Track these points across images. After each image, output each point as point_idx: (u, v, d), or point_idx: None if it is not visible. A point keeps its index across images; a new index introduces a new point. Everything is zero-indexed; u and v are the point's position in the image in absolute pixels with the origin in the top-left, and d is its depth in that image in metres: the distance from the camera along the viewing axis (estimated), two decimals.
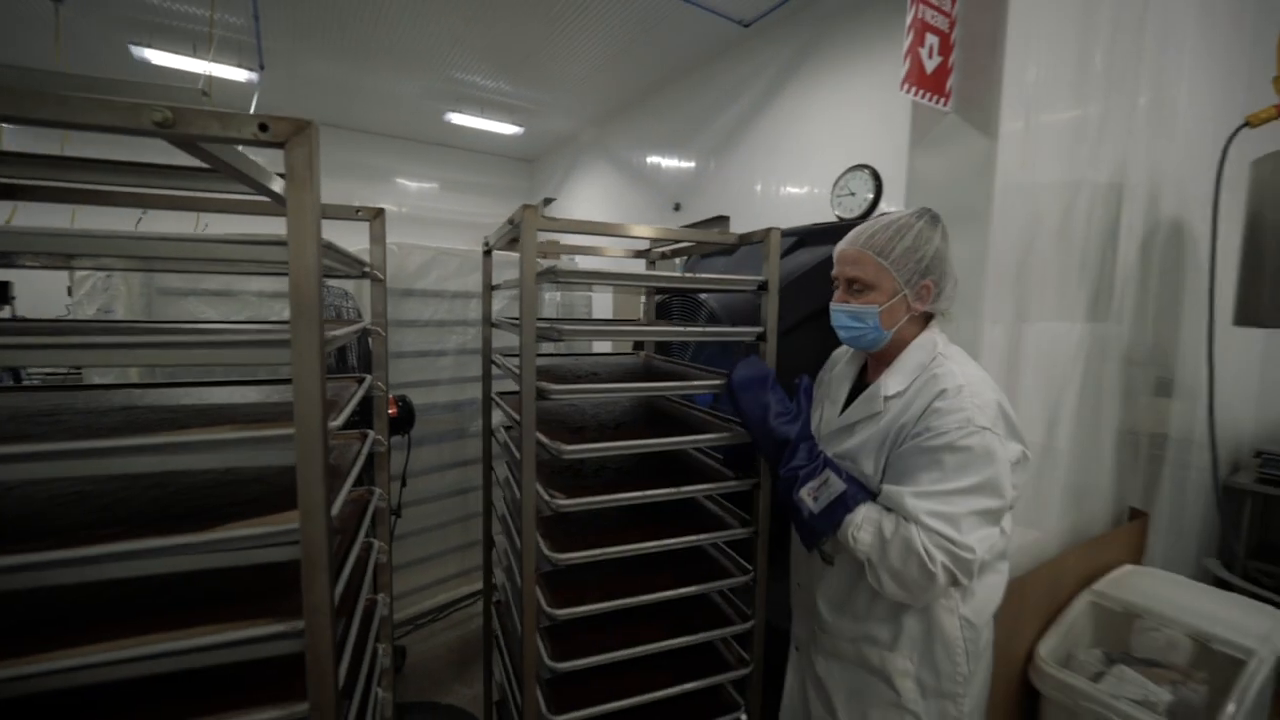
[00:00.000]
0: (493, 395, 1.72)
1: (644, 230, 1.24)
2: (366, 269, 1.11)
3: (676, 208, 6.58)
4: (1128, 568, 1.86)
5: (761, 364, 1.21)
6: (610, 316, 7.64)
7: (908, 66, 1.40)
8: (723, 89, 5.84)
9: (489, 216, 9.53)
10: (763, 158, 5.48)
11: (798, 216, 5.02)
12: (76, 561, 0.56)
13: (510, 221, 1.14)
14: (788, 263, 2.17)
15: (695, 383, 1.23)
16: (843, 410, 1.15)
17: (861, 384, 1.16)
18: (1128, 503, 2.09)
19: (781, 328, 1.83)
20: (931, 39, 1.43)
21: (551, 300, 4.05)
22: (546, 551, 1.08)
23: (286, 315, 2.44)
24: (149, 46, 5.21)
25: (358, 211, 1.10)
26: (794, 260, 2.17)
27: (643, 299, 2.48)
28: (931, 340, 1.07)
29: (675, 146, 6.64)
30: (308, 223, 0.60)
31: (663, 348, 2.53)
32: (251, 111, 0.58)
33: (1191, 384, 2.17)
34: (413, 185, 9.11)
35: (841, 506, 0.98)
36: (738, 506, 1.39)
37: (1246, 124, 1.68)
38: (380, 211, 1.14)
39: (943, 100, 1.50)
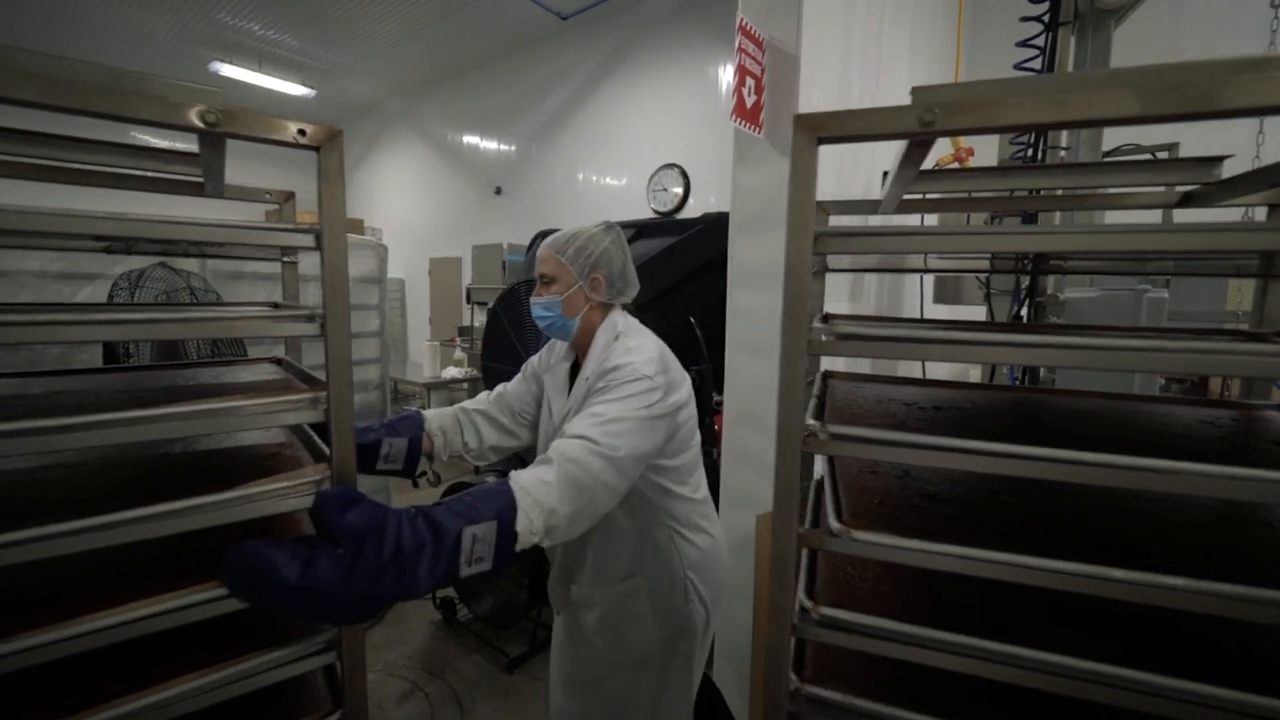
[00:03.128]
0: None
1: None
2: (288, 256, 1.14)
3: (498, 191, 6.57)
4: None
5: (246, 553, 0.66)
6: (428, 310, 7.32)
7: (734, 102, 1.79)
8: (544, 76, 5.97)
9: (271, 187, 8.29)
10: (584, 148, 5.76)
11: (620, 205, 5.42)
12: (160, 516, 0.62)
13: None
14: (637, 247, 2.51)
15: None
16: (568, 396, 1.28)
17: (576, 371, 1.33)
18: None
19: (642, 300, 2.15)
20: (750, 81, 1.83)
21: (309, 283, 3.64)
22: None
23: (80, 298, 2.17)
24: None
25: (267, 195, 1.11)
26: (642, 246, 2.52)
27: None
28: (613, 322, 1.27)
29: (495, 128, 6.58)
30: (339, 215, 0.70)
31: (503, 350, 2.61)
32: None
33: None
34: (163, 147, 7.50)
35: (508, 533, 0.79)
36: None
37: (937, 164, 2.44)
38: (291, 195, 1.16)
39: (757, 129, 1.92)
